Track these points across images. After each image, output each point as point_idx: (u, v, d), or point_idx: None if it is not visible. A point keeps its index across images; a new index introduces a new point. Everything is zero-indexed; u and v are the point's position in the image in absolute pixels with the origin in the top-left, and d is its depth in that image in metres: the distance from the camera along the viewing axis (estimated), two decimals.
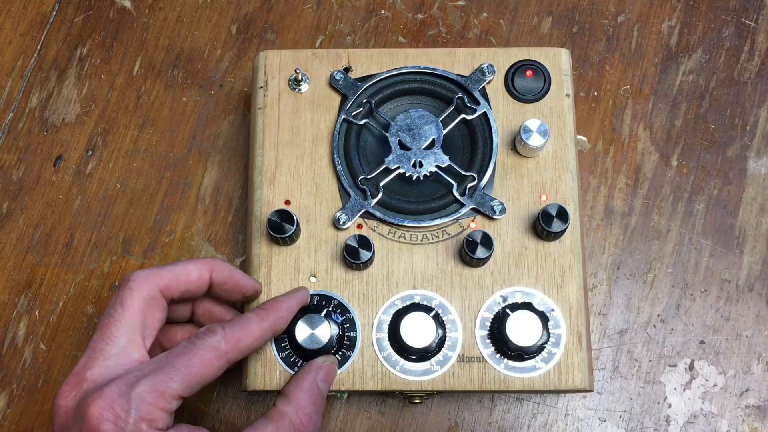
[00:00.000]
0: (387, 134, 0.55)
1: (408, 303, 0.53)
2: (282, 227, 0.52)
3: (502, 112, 0.57)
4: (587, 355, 0.52)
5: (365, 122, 0.56)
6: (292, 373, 0.52)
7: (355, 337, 0.53)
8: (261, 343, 0.48)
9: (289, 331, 0.51)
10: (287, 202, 0.55)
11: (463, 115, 0.56)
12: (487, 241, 0.52)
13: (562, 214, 0.52)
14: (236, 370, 0.53)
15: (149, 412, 0.43)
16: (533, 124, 0.54)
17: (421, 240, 0.54)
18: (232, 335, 0.47)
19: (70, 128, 0.66)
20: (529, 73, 0.57)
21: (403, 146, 0.55)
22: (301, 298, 0.52)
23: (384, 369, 0.52)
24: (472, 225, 0.54)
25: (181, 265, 0.50)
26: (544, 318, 0.51)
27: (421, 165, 0.55)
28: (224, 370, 0.47)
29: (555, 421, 0.59)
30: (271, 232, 0.52)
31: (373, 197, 0.55)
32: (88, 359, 0.46)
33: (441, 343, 0.52)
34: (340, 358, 0.52)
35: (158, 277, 0.49)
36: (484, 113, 0.56)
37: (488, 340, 0.52)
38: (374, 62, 0.58)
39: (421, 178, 0.55)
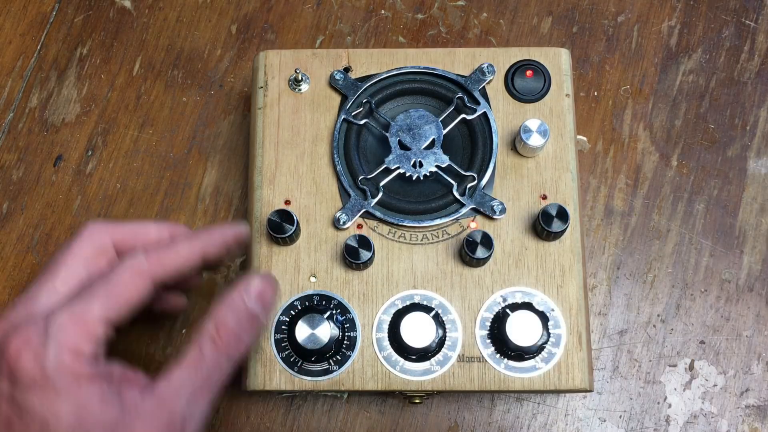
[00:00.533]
0: (387, 134, 0.55)
1: (408, 303, 0.53)
2: (282, 227, 0.52)
3: (502, 112, 0.57)
4: (587, 355, 0.52)
5: (365, 122, 0.56)
6: (292, 373, 0.52)
7: (355, 337, 0.53)
8: (189, 264, 0.46)
9: (290, 330, 0.51)
10: (287, 202, 0.55)
11: (463, 115, 0.56)
12: (487, 241, 0.52)
13: (562, 214, 0.52)
14: (236, 371, 0.53)
15: (70, 341, 0.41)
16: (533, 124, 0.54)
17: (421, 240, 0.54)
18: (155, 255, 0.45)
19: (70, 128, 0.66)
20: (529, 73, 0.57)
21: (403, 146, 0.55)
22: (237, 230, 0.50)
23: (384, 369, 0.52)
24: (472, 225, 0.54)
25: (142, 223, 0.49)
26: (544, 318, 0.51)
27: (421, 165, 0.55)
28: (152, 291, 0.45)
29: (555, 421, 0.59)
30: (271, 232, 0.52)
31: (373, 197, 0.55)
32: (17, 301, 0.45)
33: (441, 343, 0.52)
34: (340, 358, 0.52)
35: (113, 229, 0.47)
36: (484, 113, 0.56)
37: (488, 340, 0.52)
38: (374, 62, 0.58)
39: (421, 178, 0.55)
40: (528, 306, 0.52)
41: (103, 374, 0.42)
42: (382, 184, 0.55)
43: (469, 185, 0.55)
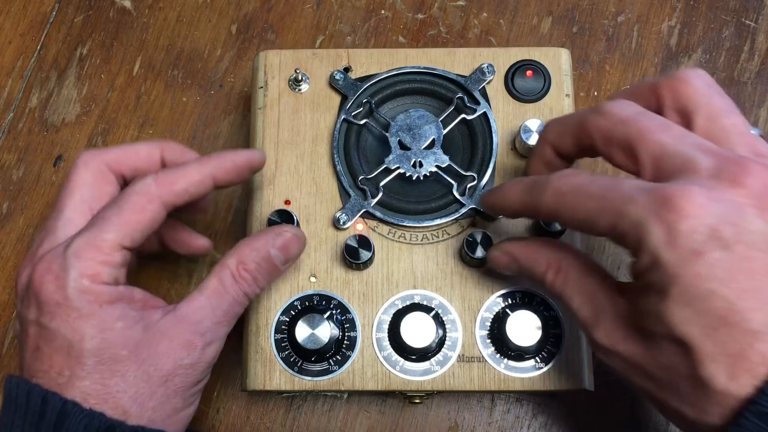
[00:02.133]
0: (387, 134, 0.55)
1: (408, 303, 0.53)
2: None
3: (502, 112, 0.57)
4: (587, 355, 0.52)
5: (365, 122, 0.56)
6: (292, 373, 0.52)
7: (355, 337, 0.53)
8: (201, 188, 0.48)
9: (289, 330, 0.51)
10: (287, 202, 0.55)
11: (463, 115, 0.56)
12: (487, 241, 0.52)
13: None
14: (236, 370, 0.53)
15: (88, 267, 0.43)
16: (533, 124, 0.54)
17: (421, 240, 0.54)
18: (165, 178, 0.46)
19: (70, 128, 0.66)
20: (529, 73, 0.57)
21: (403, 146, 0.55)
22: (250, 154, 0.50)
23: (384, 369, 0.52)
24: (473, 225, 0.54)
25: (130, 144, 0.50)
26: (543, 318, 0.51)
27: (421, 165, 0.55)
28: (164, 214, 0.46)
29: (555, 421, 0.59)
30: None
31: (373, 197, 0.55)
32: (41, 239, 0.47)
33: (441, 343, 0.52)
34: (340, 358, 0.52)
35: (105, 153, 0.49)
36: (484, 113, 0.56)
37: (488, 340, 0.52)
38: (374, 62, 0.58)
39: (421, 178, 0.55)
40: (528, 306, 0.52)
41: (124, 297, 0.45)
42: (382, 184, 0.55)
43: (469, 185, 0.55)
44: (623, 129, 0.41)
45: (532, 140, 0.54)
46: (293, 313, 0.53)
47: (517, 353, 0.51)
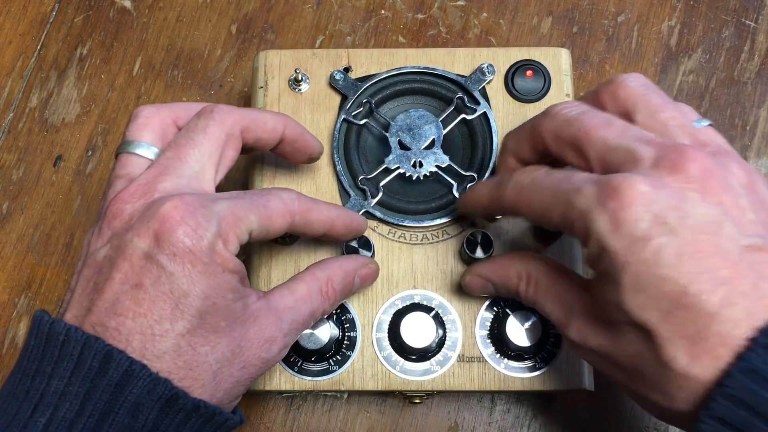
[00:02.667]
0: (387, 134, 0.55)
1: (408, 303, 0.53)
2: None
3: (502, 112, 0.57)
4: None
5: (365, 122, 0.56)
6: (292, 373, 0.52)
7: (355, 337, 0.53)
8: (324, 228, 0.48)
9: None
10: None
11: (463, 115, 0.56)
12: (487, 241, 0.52)
13: None
14: None
15: (226, 231, 0.42)
16: None
17: (421, 240, 0.54)
18: (305, 203, 0.47)
19: (70, 128, 0.66)
20: (529, 73, 0.57)
21: (403, 146, 0.55)
22: (361, 222, 0.52)
23: (384, 369, 0.52)
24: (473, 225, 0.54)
25: (259, 112, 0.49)
26: (544, 318, 0.51)
27: (421, 165, 0.55)
28: (285, 231, 0.46)
29: (555, 421, 0.59)
30: None
31: (373, 197, 0.55)
32: (159, 173, 0.44)
33: (441, 343, 0.52)
34: (340, 358, 0.52)
35: (240, 116, 0.47)
36: (484, 113, 0.56)
37: (488, 340, 0.52)
38: (374, 62, 0.58)
39: (421, 178, 0.55)
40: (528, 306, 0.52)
41: (240, 270, 0.43)
42: (382, 184, 0.55)
43: (469, 185, 0.55)
44: (569, 128, 0.43)
45: None
46: None
47: (517, 353, 0.51)
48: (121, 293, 0.40)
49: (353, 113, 0.56)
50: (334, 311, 0.53)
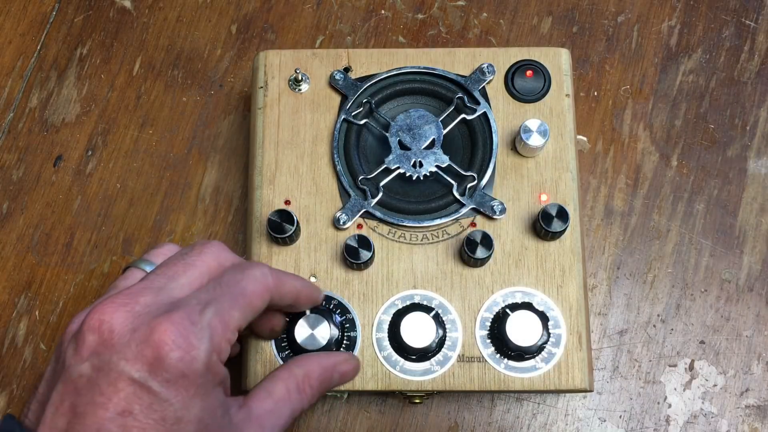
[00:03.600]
0: (387, 134, 0.55)
1: (408, 303, 0.53)
2: (282, 227, 0.52)
3: (502, 112, 0.57)
4: (587, 355, 0.52)
5: (365, 122, 0.56)
6: None
7: (355, 337, 0.53)
8: (292, 298, 0.47)
9: (289, 331, 0.51)
10: (287, 202, 0.55)
11: (463, 115, 0.56)
12: (487, 241, 0.52)
13: (562, 214, 0.52)
14: (236, 370, 0.53)
15: (219, 343, 0.41)
16: (533, 124, 0.54)
17: (421, 240, 0.54)
18: (276, 274, 0.46)
19: (70, 128, 0.66)
20: (529, 73, 0.57)
21: (403, 146, 0.55)
22: (317, 294, 0.51)
23: (384, 369, 0.52)
24: (473, 225, 0.54)
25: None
26: (544, 318, 0.51)
27: (421, 165, 0.55)
28: (262, 310, 0.45)
29: (555, 421, 0.59)
30: (271, 232, 0.52)
31: (373, 197, 0.55)
32: (145, 287, 0.42)
33: (441, 343, 0.52)
34: None
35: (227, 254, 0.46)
36: (484, 113, 0.56)
37: (488, 340, 0.52)
38: (374, 62, 0.58)
39: (421, 178, 0.55)
40: (528, 306, 0.52)
41: (226, 381, 0.42)
42: (382, 184, 0.55)
43: (469, 185, 0.55)
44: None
45: (532, 140, 0.54)
46: (293, 313, 0.53)
47: (517, 353, 0.51)
48: (107, 420, 0.37)
49: (353, 113, 0.56)
50: (333, 311, 0.53)
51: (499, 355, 0.52)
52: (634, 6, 0.68)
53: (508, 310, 0.51)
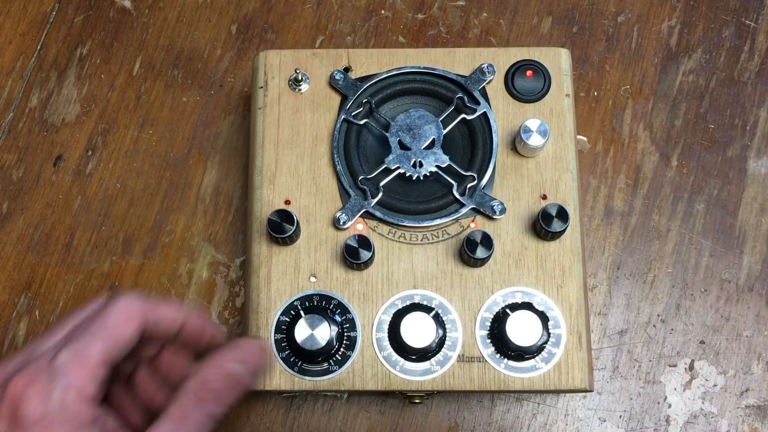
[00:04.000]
0: (387, 134, 0.55)
1: (408, 303, 0.53)
2: (282, 227, 0.52)
3: (502, 112, 0.57)
4: (587, 355, 0.52)
5: (365, 122, 0.56)
6: (293, 373, 0.52)
7: (355, 337, 0.53)
8: (175, 326, 0.46)
9: (289, 331, 0.51)
10: (287, 202, 0.55)
11: (463, 115, 0.56)
12: (487, 241, 0.52)
13: (562, 214, 0.52)
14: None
15: (76, 382, 0.41)
16: (533, 124, 0.54)
17: (421, 240, 0.54)
18: (149, 300, 0.45)
19: (70, 128, 0.66)
20: (529, 73, 0.57)
21: (403, 146, 0.55)
22: (217, 331, 0.49)
23: (384, 369, 0.52)
24: (472, 225, 0.54)
25: (164, 303, 0.48)
26: (544, 318, 0.51)
27: (421, 165, 0.55)
28: (139, 336, 0.44)
29: (555, 421, 0.59)
30: (271, 232, 0.52)
31: (373, 197, 0.55)
32: (13, 358, 0.44)
33: (441, 343, 0.52)
34: (340, 358, 0.52)
35: (147, 307, 0.46)
36: (484, 113, 0.56)
37: (488, 340, 0.52)
38: (374, 62, 0.58)
39: (421, 178, 0.55)
40: (528, 306, 0.52)
41: (99, 421, 0.42)
42: (382, 184, 0.55)
43: (469, 185, 0.55)
44: None
45: (532, 140, 0.54)
46: (293, 314, 0.53)
47: (517, 353, 0.51)
48: None
49: (353, 113, 0.56)
50: (333, 311, 0.53)
51: (499, 355, 0.52)
52: (634, 6, 0.68)
53: (508, 310, 0.51)
